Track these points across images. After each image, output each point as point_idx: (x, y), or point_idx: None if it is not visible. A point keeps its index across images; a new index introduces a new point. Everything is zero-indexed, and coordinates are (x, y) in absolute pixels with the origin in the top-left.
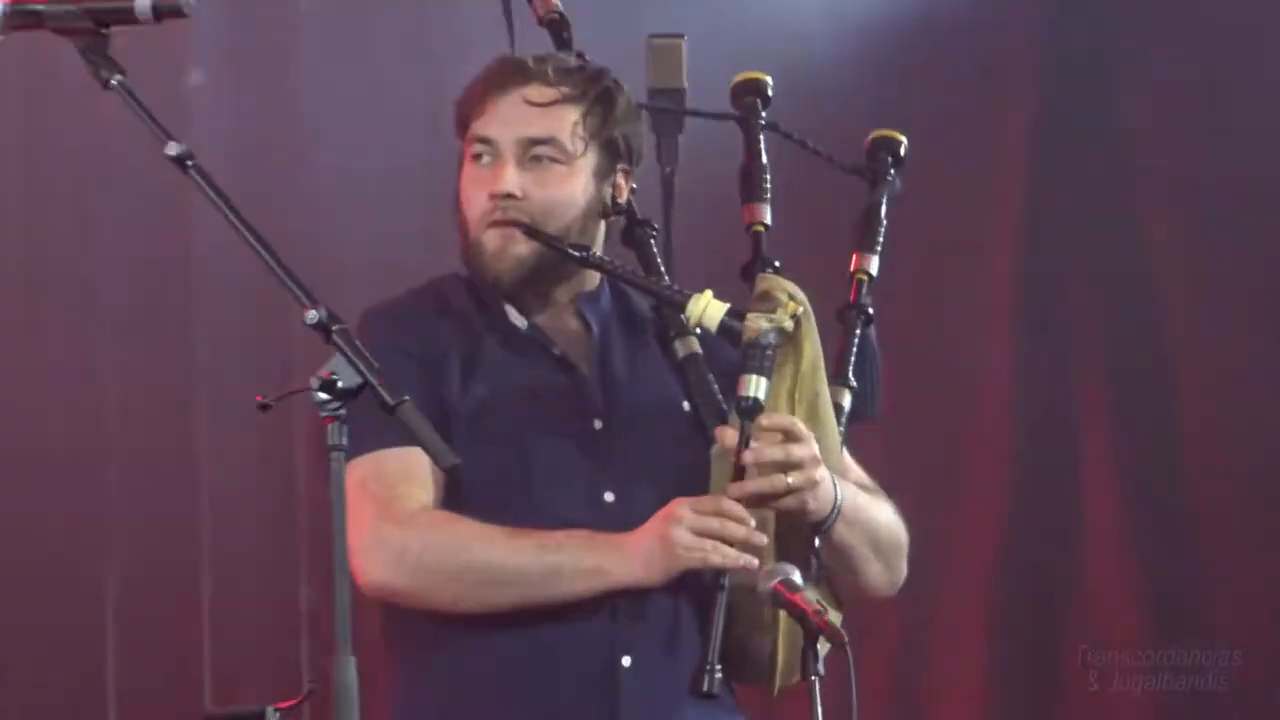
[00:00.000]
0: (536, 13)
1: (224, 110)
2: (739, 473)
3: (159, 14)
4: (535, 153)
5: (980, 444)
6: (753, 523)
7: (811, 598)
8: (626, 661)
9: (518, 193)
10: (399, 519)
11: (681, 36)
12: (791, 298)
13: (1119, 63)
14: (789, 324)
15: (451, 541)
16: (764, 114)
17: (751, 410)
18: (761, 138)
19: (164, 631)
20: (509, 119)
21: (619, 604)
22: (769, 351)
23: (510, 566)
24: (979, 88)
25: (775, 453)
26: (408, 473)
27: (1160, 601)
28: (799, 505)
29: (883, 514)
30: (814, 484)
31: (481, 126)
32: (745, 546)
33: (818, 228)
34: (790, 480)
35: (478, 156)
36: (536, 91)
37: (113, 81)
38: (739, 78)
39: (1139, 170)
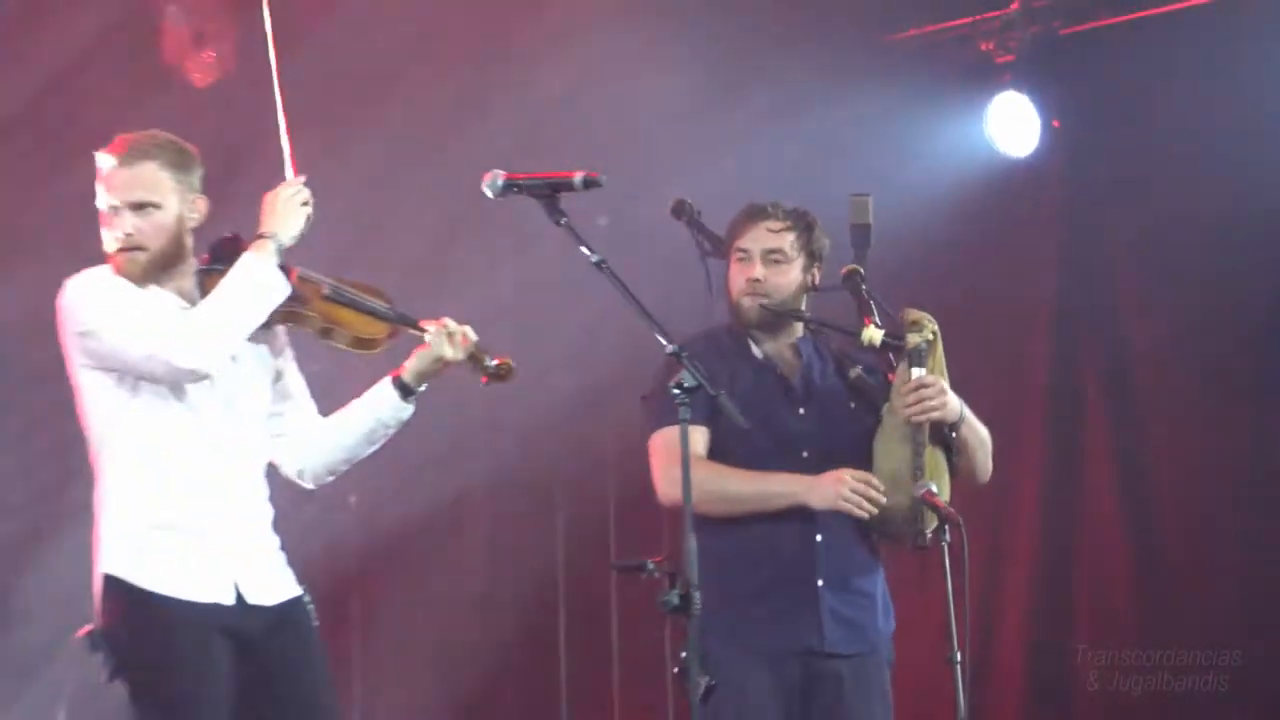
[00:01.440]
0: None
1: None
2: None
3: (586, 185)
4: (771, 257)
5: (1022, 448)
6: (878, 491)
7: (944, 500)
8: (819, 538)
9: (760, 279)
10: (680, 463)
11: (869, 194)
12: (931, 322)
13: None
14: (930, 337)
15: (711, 477)
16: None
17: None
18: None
19: (588, 521)
20: (757, 238)
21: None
22: (922, 352)
23: (746, 492)
24: (1016, 227)
25: (930, 383)
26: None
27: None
28: (941, 414)
29: (982, 427)
30: (946, 403)
31: (742, 241)
32: (873, 502)
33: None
34: (935, 401)
35: (740, 259)
36: (772, 224)
37: (561, 222)
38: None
39: (1123, 286)
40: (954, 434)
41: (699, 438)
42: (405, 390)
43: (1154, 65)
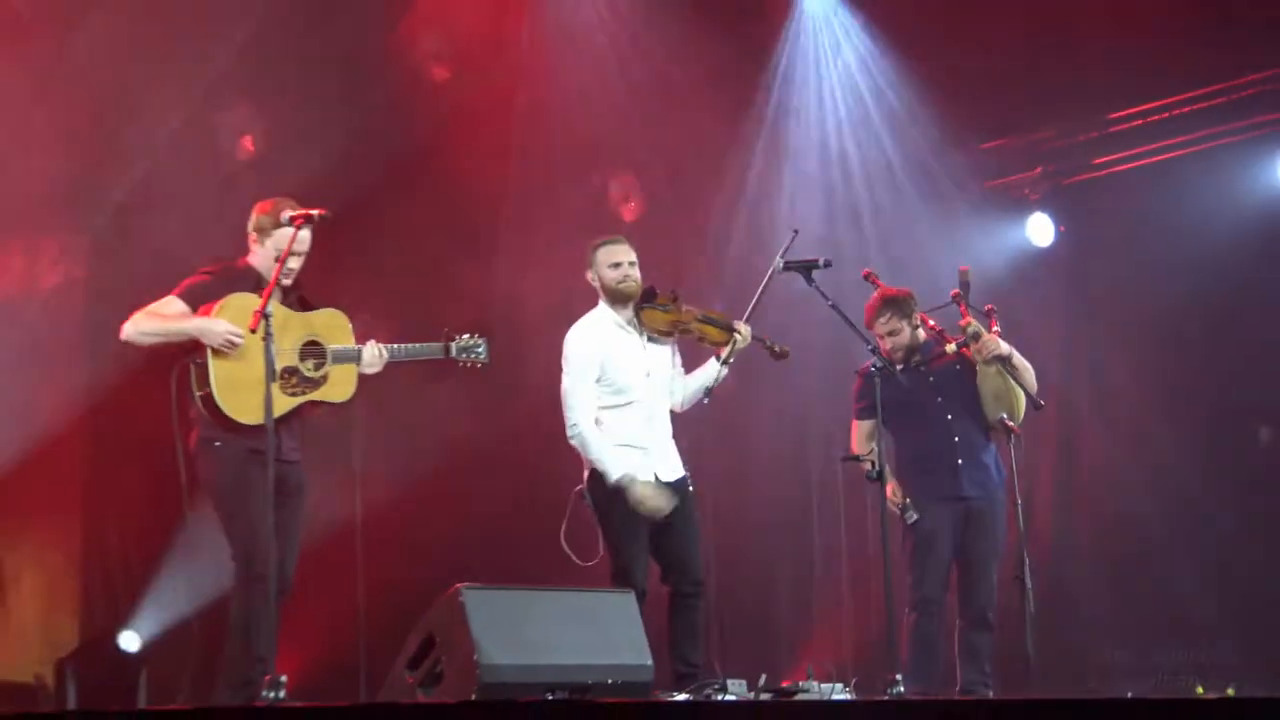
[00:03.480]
0: (879, 287)
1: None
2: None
3: (826, 265)
4: (891, 335)
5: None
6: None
7: (1015, 423)
8: (957, 439)
9: (893, 348)
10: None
11: (970, 267)
12: (974, 322)
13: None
14: (978, 328)
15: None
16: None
17: (978, 336)
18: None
19: (835, 439)
20: (878, 329)
21: (951, 419)
22: (977, 333)
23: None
24: (1039, 287)
25: (989, 336)
26: (862, 428)
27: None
28: (999, 351)
29: (1025, 361)
30: (999, 345)
31: (874, 330)
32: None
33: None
34: (992, 344)
35: (881, 338)
36: (881, 320)
37: (813, 284)
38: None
39: (1104, 320)
40: (1011, 360)
41: (867, 428)
42: (722, 364)
43: (1115, 196)
